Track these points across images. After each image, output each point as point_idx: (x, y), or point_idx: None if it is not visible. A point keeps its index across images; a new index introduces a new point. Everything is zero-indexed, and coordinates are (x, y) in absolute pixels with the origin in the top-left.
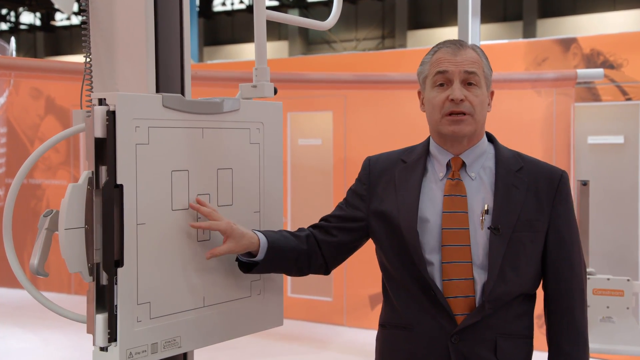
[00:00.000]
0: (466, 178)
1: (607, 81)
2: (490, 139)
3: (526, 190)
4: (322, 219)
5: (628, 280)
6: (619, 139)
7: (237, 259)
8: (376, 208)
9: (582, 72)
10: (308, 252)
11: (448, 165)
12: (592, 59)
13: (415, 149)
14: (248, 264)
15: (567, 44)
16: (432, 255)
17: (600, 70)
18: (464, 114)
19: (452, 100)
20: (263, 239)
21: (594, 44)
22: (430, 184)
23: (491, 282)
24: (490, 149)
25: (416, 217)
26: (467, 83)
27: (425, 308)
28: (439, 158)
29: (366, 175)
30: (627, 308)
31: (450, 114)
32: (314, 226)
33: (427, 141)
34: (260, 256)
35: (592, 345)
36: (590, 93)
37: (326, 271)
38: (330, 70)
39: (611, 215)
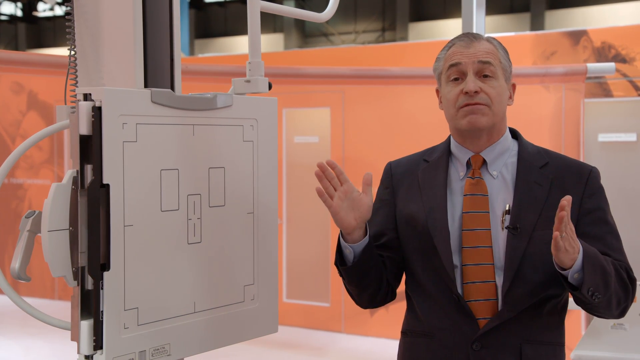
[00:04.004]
0: (487, 177)
1: (618, 76)
2: (515, 135)
3: (550, 186)
4: (374, 238)
5: None
6: (632, 137)
7: (338, 242)
8: (401, 211)
9: (593, 66)
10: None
11: (468, 164)
12: (603, 53)
13: (436, 149)
14: (344, 260)
15: (577, 36)
16: (453, 257)
17: (612, 65)
18: (479, 104)
19: (466, 92)
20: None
21: (605, 36)
22: (451, 184)
23: (507, 284)
24: (514, 145)
25: (446, 217)
26: (483, 75)
27: (447, 314)
28: (459, 156)
29: (388, 178)
30: None
31: (465, 105)
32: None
33: (448, 140)
34: (364, 241)
35: (602, 353)
36: (601, 88)
37: (393, 294)
38: (327, 65)
39: (623, 217)
